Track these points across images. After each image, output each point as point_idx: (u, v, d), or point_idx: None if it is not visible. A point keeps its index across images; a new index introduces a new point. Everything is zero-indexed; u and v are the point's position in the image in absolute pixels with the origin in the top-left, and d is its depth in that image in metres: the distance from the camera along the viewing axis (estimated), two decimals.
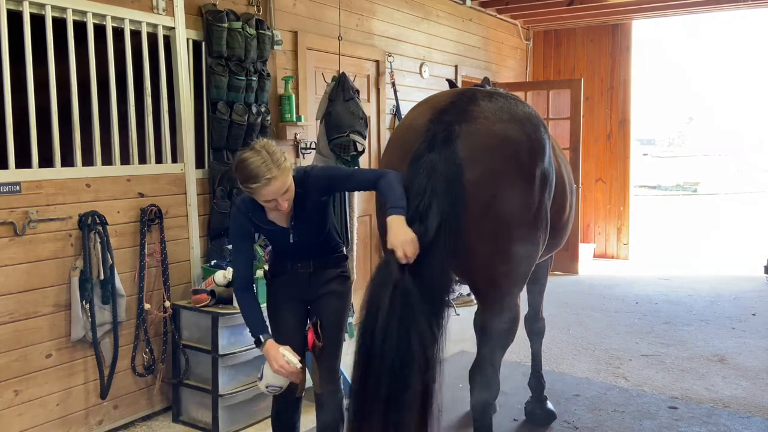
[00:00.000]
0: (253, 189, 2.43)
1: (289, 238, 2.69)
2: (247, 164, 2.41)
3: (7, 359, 3.18)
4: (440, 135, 2.47)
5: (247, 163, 2.41)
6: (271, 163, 2.40)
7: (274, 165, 2.40)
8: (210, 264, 4.02)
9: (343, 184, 2.75)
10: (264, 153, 2.41)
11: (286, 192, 2.47)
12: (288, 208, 2.54)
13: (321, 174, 2.64)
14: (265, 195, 2.45)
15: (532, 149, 2.58)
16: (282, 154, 2.47)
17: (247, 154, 2.44)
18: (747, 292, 6.89)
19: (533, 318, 3.84)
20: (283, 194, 2.46)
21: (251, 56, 4.22)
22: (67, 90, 3.44)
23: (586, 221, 8.67)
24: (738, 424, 3.72)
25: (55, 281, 3.36)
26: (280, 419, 2.90)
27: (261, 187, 2.41)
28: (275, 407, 2.90)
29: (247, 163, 2.41)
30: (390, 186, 2.48)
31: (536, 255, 2.71)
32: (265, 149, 2.44)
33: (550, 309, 4.96)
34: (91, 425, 3.58)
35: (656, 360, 4.83)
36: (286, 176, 2.45)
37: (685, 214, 15.56)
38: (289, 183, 2.48)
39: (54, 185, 3.35)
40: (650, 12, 7.80)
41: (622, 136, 8.45)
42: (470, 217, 2.45)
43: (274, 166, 2.40)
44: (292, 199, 2.54)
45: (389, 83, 5.91)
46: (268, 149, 2.44)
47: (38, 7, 3.30)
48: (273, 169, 2.39)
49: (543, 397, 3.82)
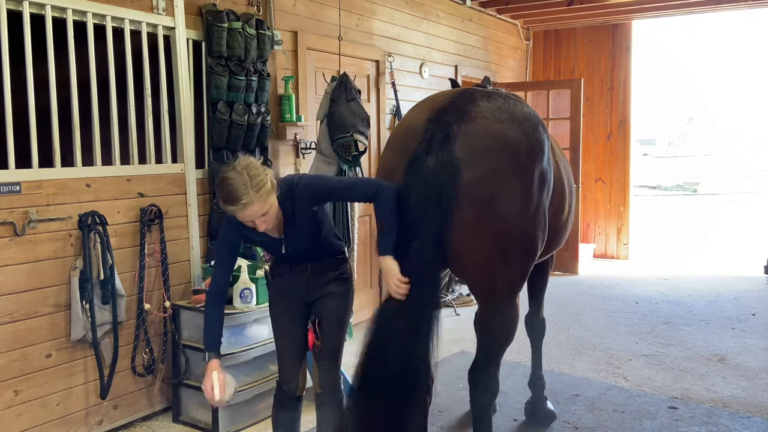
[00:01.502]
0: (229, 210, 2.41)
1: (281, 249, 2.70)
2: (226, 185, 2.38)
3: (7, 359, 3.19)
4: (438, 135, 2.47)
5: (226, 183, 2.38)
6: (249, 188, 2.35)
7: (252, 189, 2.35)
8: (210, 264, 4.01)
9: (333, 194, 2.72)
10: (245, 175, 2.36)
11: (264, 215, 2.43)
12: (268, 227, 2.51)
13: (309, 184, 2.59)
14: (242, 217, 2.44)
15: (530, 149, 2.58)
16: (265, 175, 2.41)
17: (229, 174, 2.38)
18: (747, 292, 6.89)
19: (533, 318, 3.84)
20: (261, 216, 2.43)
21: (251, 56, 4.22)
22: (67, 90, 3.44)
23: (586, 221, 8.68)
24: (738, 424, 3.72)
25: (55, 281, 3.37)
26: (280, 419, 2.91)
27: (237, 210, 2.39)
28: (275, 407, 2.92)
29: (227, 183, 2.37)
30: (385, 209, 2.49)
31: (535, 255, 2.71)
32: (247, 171, 2.37)
33: (550, 309, 4.96)
34: (91, 425, 3.58)
35: (656, 360, 4.83)
36: (264, 201, 2.40)
37: (685, 215, 15.56)
38: (268, 207, 2.43)
39: (54, 185, 3.35)
40: (650, 12, 7.80)
41: (622, 136, 8.46)
42: (469, 217, 2.45)
43: (252, 190, 2.35)
44: (273, 218, 2.50)
45: (389, 83, 5.91)
46: (249, 171, 2.37)
47: (38, 7, 3.30)
48: (250, 193, 2.35)
49: (543, 397, 3.82)
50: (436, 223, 2.42)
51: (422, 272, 2.45)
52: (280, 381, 2.88)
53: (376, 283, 6.03)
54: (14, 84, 3.23)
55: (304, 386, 2.91)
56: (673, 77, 69.18)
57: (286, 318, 2.81)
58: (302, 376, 2.88)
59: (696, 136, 47.47)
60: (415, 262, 2.45)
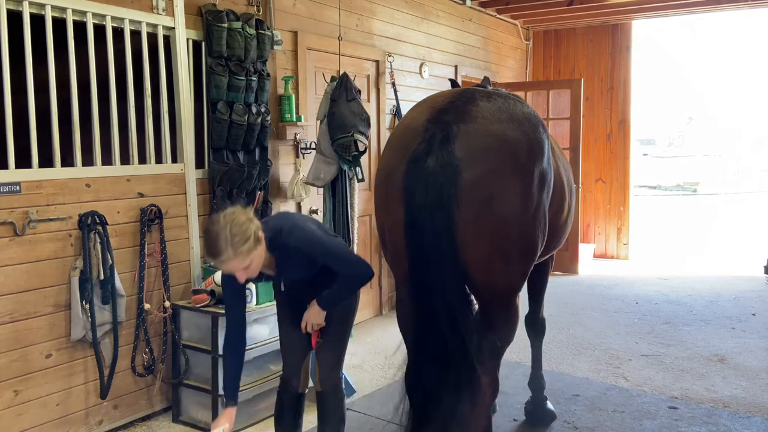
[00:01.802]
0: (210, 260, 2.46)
1: (281, 286, 2.81)
2: (208, 238, 2.41)
3: (7, 359, 3.19)
4: (438, 135, 2.47)
5: (208, 236, 2.41)
6: (229, 246, 2.35)
7: (231, 247, 2.35)
8: (210, 264, 4.02)
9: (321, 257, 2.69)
10: (227, 231, 2.35)
11: (246, 268, 2.44)
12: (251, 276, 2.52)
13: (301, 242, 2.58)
14: (222, 270, 2.47)
15: (530, 149, 2.58)
16: (248, 230, 2.39)
17: (212, 228, 2.40)
18: (747, 292, 6.89)
19: (533, 318, 3.84)
20: (242, 269, 2.44)
21: (251, 56, 4.22)
22: (67, 90, 3.44)
23: (586, 221, 8.68)
24: (738, 424, 3.72)
25: (55, 281, 3.37)
26: (282, 418, 2.95)
27: (216, 264, 2.44)
28: (278, 406, 2.97)
29: (209, 236, 2.40)
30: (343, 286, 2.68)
31: (535, 255, 2.71)
32: (230, 226, 2.36)
33: (550, 309, 4.96)
34: (91, 425, 3.58)
35: (656, 360, 4.83)
36: (243, 258, 2.39)
37: (685, 215, 15.56)
38: (249, 262, 2.43)
39: (54, 185, 3.35)
40: (650, 12, 7.80)
41: (622, 136, 8.46)
42: (469, 217, 2.45)
43: (231, 248, 2.35)
44: (257, 269, 2.51)
45: (389, 83, 5.91)
46: (232, 228, 2.36)
47: (38, 7, 3.30)
48: (229, 251, 2.35)
49: (543, 397, 3.82)
50: (440, 223, 2.42)
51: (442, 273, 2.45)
52: (283, 378, 2.94)
53: (376, 284, 6.04)
54: (14, 85, 3.23)
55: (306, 384, 2.96)
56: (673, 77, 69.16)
57: (292, 320, 2.86)
58: (304, 373, 2.94)
59: (696, 136, 47.46)
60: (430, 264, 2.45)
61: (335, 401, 2.92)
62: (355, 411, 3.89)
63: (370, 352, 5.07)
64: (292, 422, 2.95)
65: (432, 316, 2.46)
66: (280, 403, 2.95)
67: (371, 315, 6.00)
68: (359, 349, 5.05)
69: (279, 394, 2.96)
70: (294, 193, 4.70)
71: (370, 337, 5.41)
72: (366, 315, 5.92)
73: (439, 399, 2.54)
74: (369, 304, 5.96)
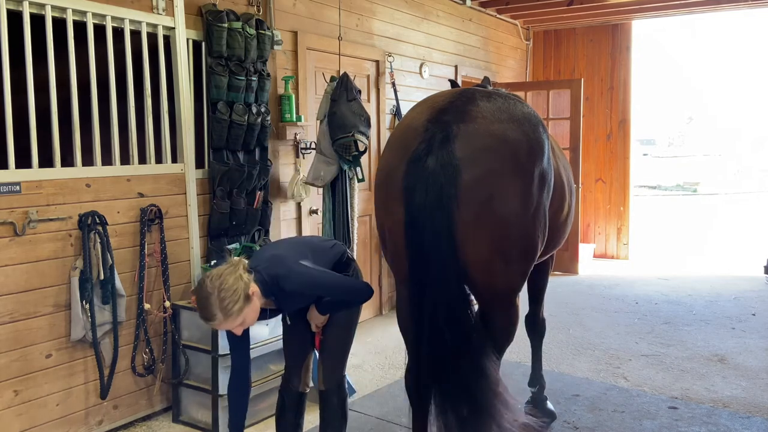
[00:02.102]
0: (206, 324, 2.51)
1: (287, 320, 2.85)
2: (198, 301, 2.44)
3: (7, 359, 3.19)
4: (438, 135, 2.47)
5: (199, 301, 2.43)
6: (218, 310, 2.38)
7: (221, 311, 2.38)
8: (210, 264, 4.02)
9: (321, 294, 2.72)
10: (215, 296, 2.38)
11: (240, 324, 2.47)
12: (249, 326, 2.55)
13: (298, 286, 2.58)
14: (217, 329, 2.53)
15: (530, 149, 2.58)
16: (238, 289, 2.40)
17: (201, 293, 2.42)
18: (747, 292, 6.90)
19: (533, 318, 3.84)
20: (237, 326, 2.47)
21: (251, 56, 4.22)
22: (67, 90, 3.44)
23: (586, 221, 8.68)
24: (738, 424, 3.72)
25: (55, 281, 3.37)
26: (283, 417, 2.97)
27: (209, 325, 2.50)
28: (279, 405, 2.99)
29: (199, 301, 2.43)
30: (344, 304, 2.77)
31: (535, 255, 2.71)
32: (218, 291, 2.38)
33: (550, 309, 4.96)
34: (91, 425, 3.58)
35: (656, 360, 4.83)
36: (234, 319, 2.43)
37: (685, 215, 15.56)
38: (241, 320, 2.45)
39: (54, 185, 3.35)
40: (650, 12, 7.80)
41: (622, 136, 8.46)
42: (469, 217, 2.45)
43: (221, 312, 2.38)
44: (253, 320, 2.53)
45: (389, 83, 5.91)
46: (221, 292, 2.38)
47: (38, 7, 3.30)
48: (219, 315, 2.39)
49: (543, 397, 3.82)
50: (441, 223, 2.42)
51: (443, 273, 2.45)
52: (285, 377, 2.97)
53: (376, 284, 6.04)
54: (14, 84, 3.23)
55: (307, 383, 2.98)
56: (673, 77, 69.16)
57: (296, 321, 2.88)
58: (305, 373, 2.96)
59: (696, 136, 47.46)
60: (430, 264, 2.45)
61: (338, 401, 2.93)
62: (355, 411, 3.89)
63: (370, 352, 5.07)
64: (293, 421, 2.97)
65: (431, 316, 2.46)
66: (281, 402, 2.97)
67: (371, 315, 6.00)
68: (359, 349, 5.05)
69: (280, 392, 2.98)
70: (294, 193, 4.70)
71: (370, 337, 5.41)
72: (366, 315, 5.92)
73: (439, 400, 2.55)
74: (369, 304, 5.96)
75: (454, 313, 2.48)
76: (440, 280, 2.45)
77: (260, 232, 4.45)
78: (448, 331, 2.46)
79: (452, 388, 2.51)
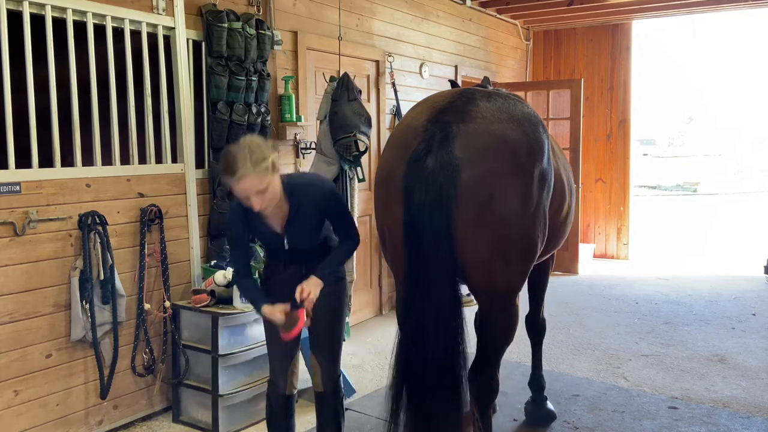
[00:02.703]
0: (227, 181, 2.45)
1: (283, 244, 2.72)
2: (226, 156, 2.42)
3: (7, 359, 3.19)
4: (438, 135, 2.47)
5: (227, 154, 2.42)
6: (247, 161, 2.37)
7: (250, 162, 2.37)
8: (210, 264, 4.02)
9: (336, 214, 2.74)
10: (245, 149, 2.39)
11: (261, 192, 2.43)
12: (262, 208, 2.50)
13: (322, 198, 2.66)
14: (238, 191, 2.44)
15: (530, 149, 2.58)
16: (267, 153, 2.42)
17: (231, 147, 2.45)
18: (747, 292, 6.90)
19: (533, 318, 3.84)
20: (256, 193, 2.43)
21: (251, 56, 4.22)
22: (67, 90, 3.44)
23: (586, 221, 8.68)
24: (738, 424, 3.72)
25: (55, 281, 3.36)
26: (273, 421, 2.95)
27: (233, 180, 2.41)
28: (268, 409, 2.96)
29: (227, 154, 2.42)
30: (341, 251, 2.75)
31: (535, 255, 2.71)
32: (249, 146, 2.41)
33: (550, 309, 4.96)
34: (91, 425, 3.58)
35: (656, 360, 4.83)
36: (261, 176, 2.40)
37: (685, 215, 15.56)
38: (266, 185, 2.43)
39: (54, 185, 3.35)
40: (650, 12, 7.80)
41: (622, 136, 8.46)
42: (468, 217, 2.45)
43: (249, 163, 2.37)
44: (271, 200, 2.50)
45: (389, 83, 5.91)
46: (251, 146, 2.41)
47: (38, 7, 3.30)
48: (247, 166, 2.37)
49: (543, 397, 3.82)
50: (440, 223, 2.42)
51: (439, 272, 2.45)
52: (271, 380, 2.93)
53: (376, 284, 6.03)
54: (14, 84, 3.23)
55: (293, 385, 2.93)
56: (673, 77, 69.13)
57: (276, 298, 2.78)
58: (291, 374, 2.91)
59: (696, 136, 47.45)
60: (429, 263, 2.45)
61: (336, 401, 2.93)
62: (355, 411, 3.89)
63: (370, 352, 5.07)
64: (283, 424, 2.94)
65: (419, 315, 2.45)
66: (269, 406, 2.95)
67: (371, 315, 5.99)
68: (359, 349, 5.05)
69: (268, 397, 2.95)
70: None
71: (370, 337, 5.41)
72: (366, 315, 5.92)
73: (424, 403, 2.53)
74: (369, 304, 5.96)
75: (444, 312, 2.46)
76: (434, 280, 2.45)
77: None
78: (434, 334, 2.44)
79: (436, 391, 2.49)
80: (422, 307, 2.45)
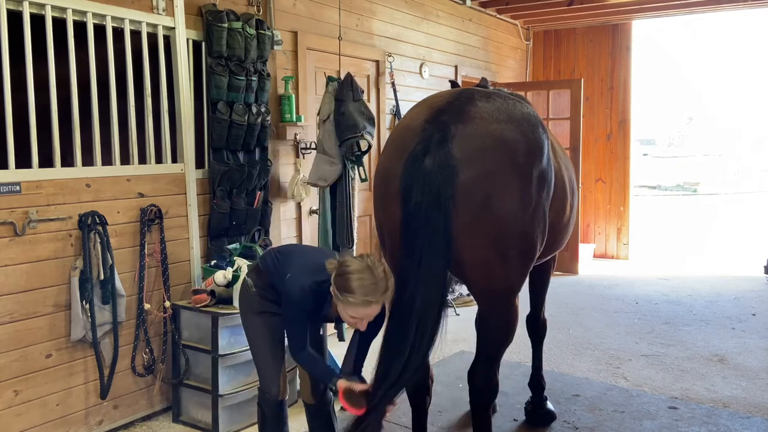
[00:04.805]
0: (349, 302, 2.41)
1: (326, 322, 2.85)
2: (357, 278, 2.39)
3: (7, 359, 3.19)
4: (436, 135, 2.47)
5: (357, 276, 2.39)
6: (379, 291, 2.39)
7: (380, 293, 2.39)
8: (210, 264, 4.01)
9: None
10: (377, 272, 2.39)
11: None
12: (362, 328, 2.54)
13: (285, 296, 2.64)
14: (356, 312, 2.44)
15: (528, 149, 2.58)
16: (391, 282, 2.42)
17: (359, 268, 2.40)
18: (747, 292, 6.89)
19: (534, 318, 3.84)
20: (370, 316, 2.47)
21: (251, 56, 4.22)
22: (67, 90, 3.44)
23: (586, 221, 8.68)
24: (738, 424, 3.72)
25: (55, 281, 3.37)
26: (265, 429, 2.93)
27: (358, 305, 2.40)
28: (260, 417, 2.94)
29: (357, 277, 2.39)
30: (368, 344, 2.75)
31: (534, 255, 2.71)
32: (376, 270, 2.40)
33: (550, 309, 4.95)
34: (91, 425, 3.58)
35: (656, 360, 4.83)
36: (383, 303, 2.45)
37: (685, 215, 15.55)
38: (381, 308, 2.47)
39: (54, 185, 3.35)
40: (650, 12, 7.80)
41: (622, 136, 8.46)
42: (466, 217, 2.45)
43: (380, 293, 2.39)
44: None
45: (389, 83, 5.91)
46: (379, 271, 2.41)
47: (38, 7, 3.30)
48: (378, 295, 2.39)
49: (543, 397, 3.82)
50: (437, 223, 2.42)
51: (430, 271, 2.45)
52: (261, 388, 2.89)
53: None
54: (14, 84, 3.23)
55: (285, 390, 2.91)
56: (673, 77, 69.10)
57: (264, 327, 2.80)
58: (283, 380, 2.88)
59: (696, 136, 47.45)
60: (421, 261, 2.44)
61: (326, 410, 2.96)
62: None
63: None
64: (276, 431, 2.92)
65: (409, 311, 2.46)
66: (261, 414, 2.91)
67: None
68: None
69: (259, 404, 2.91)
70: (294, 193, 4.71)
71: None
72: None
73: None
74: None
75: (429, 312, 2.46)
76: (424, 280, 2.44)
77: (260, 232, 4.45)
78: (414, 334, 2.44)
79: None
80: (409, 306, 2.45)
